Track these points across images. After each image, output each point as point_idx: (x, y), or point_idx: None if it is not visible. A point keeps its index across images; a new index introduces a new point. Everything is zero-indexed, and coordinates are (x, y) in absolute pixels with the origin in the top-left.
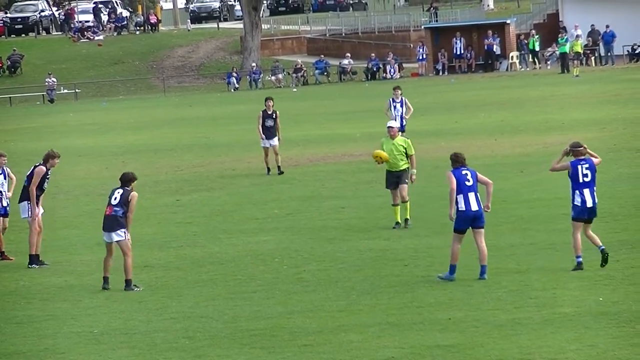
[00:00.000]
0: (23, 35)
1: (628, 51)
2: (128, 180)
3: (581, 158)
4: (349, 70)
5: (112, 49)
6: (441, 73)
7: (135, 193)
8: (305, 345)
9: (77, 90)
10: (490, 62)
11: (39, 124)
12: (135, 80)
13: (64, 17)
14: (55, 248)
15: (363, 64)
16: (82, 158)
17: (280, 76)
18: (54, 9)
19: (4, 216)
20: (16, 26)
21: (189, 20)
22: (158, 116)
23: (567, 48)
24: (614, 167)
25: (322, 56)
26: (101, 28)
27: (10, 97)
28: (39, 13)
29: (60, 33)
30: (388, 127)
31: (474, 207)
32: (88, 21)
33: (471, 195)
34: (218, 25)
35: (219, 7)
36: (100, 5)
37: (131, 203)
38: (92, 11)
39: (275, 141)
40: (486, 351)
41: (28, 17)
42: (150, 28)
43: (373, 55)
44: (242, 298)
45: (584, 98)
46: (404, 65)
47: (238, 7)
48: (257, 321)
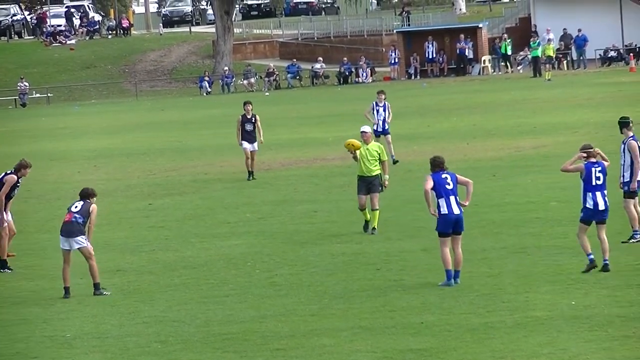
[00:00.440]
0: None
1: (600, 55)
2: (87, 195)
3: (594, 161)
4: (321, 74)
5: (84, 53)
6: (413, 77)
7: (95, 205)
8: (277, 349)
9: (50, 94)
10: (462, 66)
11: (11, 128)
12: (107, 84)
13: (36, 21)
14: (27, 252)
15: (335, 68)
16: (54, 162)
17: (252, 80)
18: (26, 13)
19: None
20: None
21: (161, 24)
22: (130, 120)
23: (539, 52)
24: None
25: (295, 60)
26: (73, 32)
27: None
28: (11, 17)
29: (32, 37)
30: (362, 132)
31: (456, 211)
32: (60, 25)
33: (452, 198)
34: (190, 29)
35: (191, 12)
36: (72, 9)
37: (92, 215)
38: (64, 15)
39: (255, 146)
40: (459, 355)
41: (0, 22)
42: (122, 32)
43: (345, 59)
44: (215, 302)
45: (556, 102)
46: (376, 69)
47: (210, 12)
48: (230, 325)
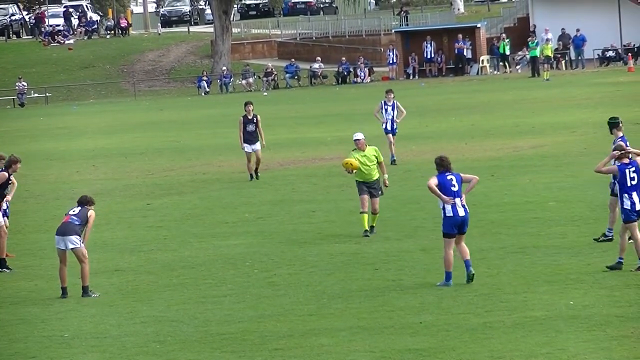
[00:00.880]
0: None
1: (598, 55)
2: (85, 202)
3: (626, 162)
4: (320, 74)
5: (83, 53)
6: (412, 77)
7: (93, 212)
8: (276, 349)
9: (48, 94)
10: (460, 66)
11: (10, 128)
12: (105, 84)
13: (34, 21)
14: (25, 252)
15: (333, 68)
16: (53, 162)
17: (250, 80)
18: (24, 13)
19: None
20: None
21: (160, 24)
22: (129, 120)
23: (538, 52)
24: (585, 171)
25: (293, 60)
26: (71, 32)
27: None
28: (9, 17)
29: (30, 37)
30: (355, 140)
31: (461, 213)
32: (58, 25)
33: (458, 200)
34: (188, 29)
35: (190, 11)
36: (70, 9)
37: (89, 220)
38: (63, 15)
39: (257, 146)
40: (457, 355)
41: None
42: (120, 32)
43: (344, 59)
44: (213, 302)
45: (555, 102)
46: (375, 69)
47: (208, 11)
48: (228, 325)
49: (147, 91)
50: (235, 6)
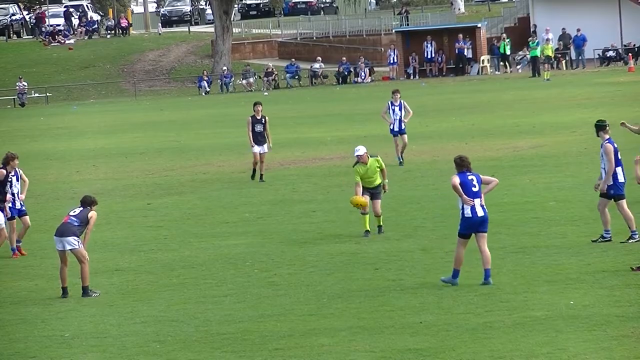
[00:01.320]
0: None
1: (599, 55)
2: (89, 203)
3: None
4: (320, 74)
5: (83, 53)
6: (412, 77)
7: (94, 213)
8: (276, 349)
9: (48, 94)
10: (461, 66)
11: (10, 128)
12: (106, 84)
13: (35, 21)
14: (26, 252)
15: (334, 68)
16: (53, 162)
17: (251, 80)
18: (25, 13)
19: (22, 216)
20: None
21: (160, 24)
22: (129, 120)
23: (538, 52)
24: (584, 171)
25: (293, 60)
26: (72, 32)
27: None
28: (10, 17)
29: (31, 37)
30: (357, 156)
31: (480, 213)
32: (59, 25)
33: (477, 201)
34: (189, 29)
35: (190, 11)
36: (71, 9)
37: (90, 221)
38: (63, 15)
39: (265, 148)
40: (457, 355)
41: None
42: (121, 32)
43: (344, 59)
44: (213, 302)
45: (555, 102)
46: (375, 69)
47: (209, 11)
48: (228, 325)
49: (148, 91)
50: (235, 6)
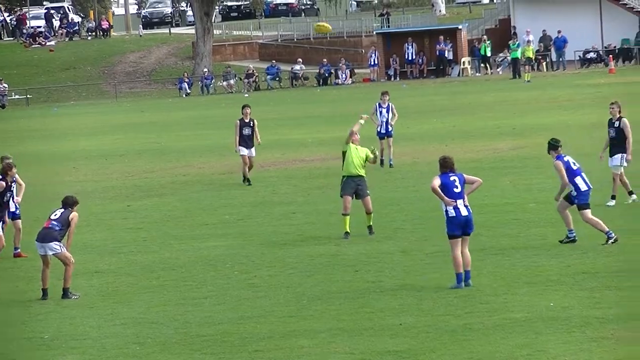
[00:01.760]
0: None
1: (580, 56)
2: (70, 204)
3: None
4: (301, 75)
5: (64, 55)
6: (393, 78)
7: (76, 214)
8: (256, 350)
9: (29, 95)
10: (442, 68)
11: None
12: (86, 85)
13: (16, 23)
14: (4, 254)
15: (315, 70)
16: (33, 164)
17: (232, 82)
18: (6, 15)
19: (15, 219)
20: None
21: (141, 25)
22: (109, 122)
23: (519, 53)
24: None
25: (274, 61)
26: (53, 33)
27: None
28: None
29: (11, 38)
30: (351, 133)
31: (464, 212)
32: (40, 27)
33: (460, 201)
34: (170, 30)
35: (171, 13)
36: (52, 10)
37: (72, 223)
38: (44, 17)
39: (253, 151)
40: (437, 356)
41: None
42: (102, 33)
43: (325, 60)
44: (193, 304)
45: (535, 103)
46: (356, 70)
47: (190, 13)
48: (208, 327)
49: (128, 93)
50: (216, 8)
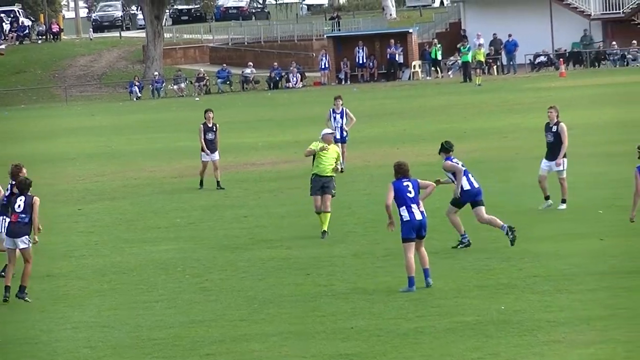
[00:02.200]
0: None
1: (530, 60)
2: (27, 186)
3: None
4: (252, 79)
5: (14, 58)
6: (344, 82)
7: (37, 198)
8: (207, 354)
9: None
10: (392, 71)
11: None
12: (37, 89)
13: None
14: None
15: (265, 73)
16: None
17: (182, 85)
18: None
19: None
20: None
21: (91, 29)
22: (60, 125)
23: (470, 57)
24: (516, 176)
25: (225, 65)
26: (3, 37)
27: None
28: None
29: None
30: (323, 135)
31: (418, 217)
32: None
33: (414, 206)
34: (120, 34)
35: (121, 16)
36: (2, 14)
37: (34, 207)
38: None
39: (216, 155)
40: None
41: None
42: (52, 37)
43: (275, 64)
44: (144, 307)
45: (486, 107)
46: (307, 74)
47: (140, 16)
48: (159, 330)
49: (79, 96)
50: (167, 11)
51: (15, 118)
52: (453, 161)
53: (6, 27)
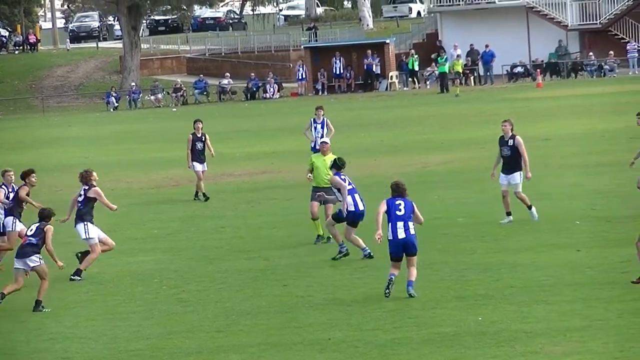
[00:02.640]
0: None
1: (507, 71)
2: (45, 216)
3: None
4: (229, 89)
5: None
6: (321, 93)
7: (50, 226)
8: None
9: None
10: (369, 82)
11: None
12: (14, 100)
13: None
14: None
15: (243, 84)
16: None
17: (159, 96)
18: None
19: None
20: None
21: (68, 39)
22: (36, 136)
23: (447, 67)
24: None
25: (202, 76)
26: None
27: None
28: None
29: None
30: (322, 143)
31: (401, 235)
32: None
33: (400, 223)
34: (97, 44)
35: (98, 27)
36: None
37: (47, 235)
38: None
39: (205, 166)
40: None
41: None
42: (29, 48)
43: (253, 74)
44: (122, 319)
45: (463, 118)
46: (284, 84)
47: (117, 27)
48: (137, 342)
49: (56, 107)
50: (144, 22)
51: None
52: (342, 177)
53: None
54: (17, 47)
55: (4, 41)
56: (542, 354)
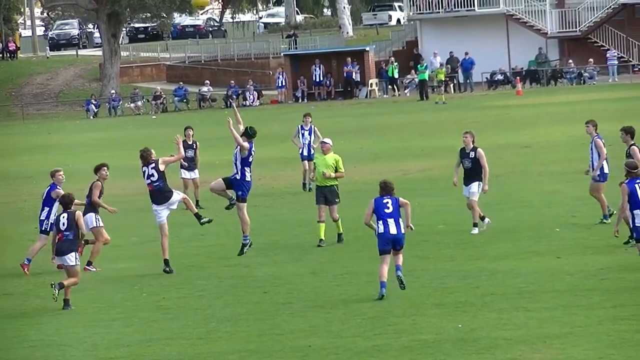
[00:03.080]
0: None
1: (487, 78)
2: (69, 202)
3: (635, 177)
4: (209, 97)
5: None
6: (300, 100)
7: (78, 212)
8: None
9: None
10: (349, 89)
11: None
12: None
13: None
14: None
15: (222, 91)
16: None
17: (139, 103)
18: None
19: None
20: None
21: (48, 47)
22: (17, 144)
23: (426, 75)
24: None
25: (182, 83)
26: None
27: None
28: None
29: None
30: (321, 142)
31: (392, 231)
32: None
33: (390, 220)
34: (77, 52)
35: (78, 35)
36: None
37: (79, 222)
38: None
39: (196, 173)
40: None
41: None
42: (9, 55)
43: (232, 82)
44: (102, 326)
45: (443, 125)
46: (264, 92)
47: (97, 35)
48: (117, 349)
49: (36, 115)
50: (123, 29)
51: None
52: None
53: None
54: None
55: None
56: None
